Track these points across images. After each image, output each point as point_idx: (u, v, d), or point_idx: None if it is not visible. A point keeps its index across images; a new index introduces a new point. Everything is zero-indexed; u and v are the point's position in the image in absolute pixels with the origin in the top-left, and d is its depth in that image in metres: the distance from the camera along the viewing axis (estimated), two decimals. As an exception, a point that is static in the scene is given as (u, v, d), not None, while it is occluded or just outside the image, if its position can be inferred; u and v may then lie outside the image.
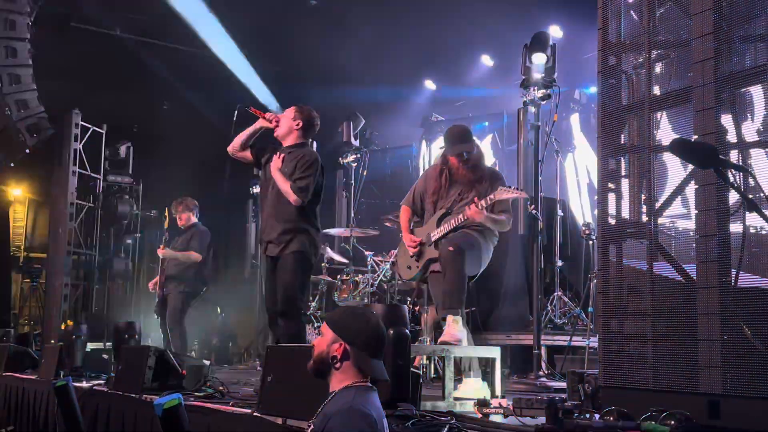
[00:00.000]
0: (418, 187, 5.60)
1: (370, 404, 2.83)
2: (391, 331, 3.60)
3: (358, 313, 3.23)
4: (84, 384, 6.37)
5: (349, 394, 2.86)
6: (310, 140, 5.78)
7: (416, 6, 10.23)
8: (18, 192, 14.78)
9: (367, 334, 2.98)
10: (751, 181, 2.53)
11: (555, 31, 9.00)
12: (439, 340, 4.94)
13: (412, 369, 3.88)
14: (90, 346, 7.82)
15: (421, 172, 11.87)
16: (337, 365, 2.93)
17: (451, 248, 5.02)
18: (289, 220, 5.29)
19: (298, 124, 5.51)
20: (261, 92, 12.40)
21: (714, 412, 2.43)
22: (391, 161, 12.08)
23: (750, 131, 2.81)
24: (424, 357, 6.02)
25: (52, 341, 9.19)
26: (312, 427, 2.88)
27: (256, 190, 10.75)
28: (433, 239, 5.25)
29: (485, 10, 9.42)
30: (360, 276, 8.05)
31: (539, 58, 6.55)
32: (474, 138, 5.48)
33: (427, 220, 5.43)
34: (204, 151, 12.00)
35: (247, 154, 5.66)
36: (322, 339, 3.01)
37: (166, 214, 8.73)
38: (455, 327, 4.91)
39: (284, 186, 5.23)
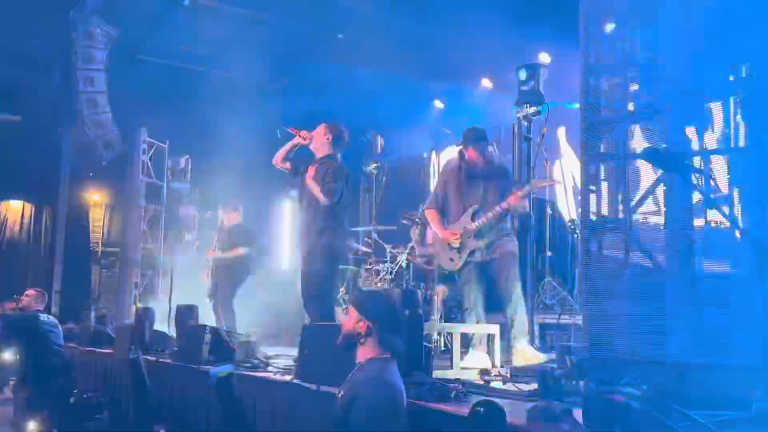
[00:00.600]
0: (439, 191, 5.46)
1: (392, 373, 2.84)
2: (407, 311, 3.60)
3: (378, 296, 3.24)
4: (151, 357, 6.43)
5: (374, 365, 2.87)
6: (339, 152, 5.72)
7: (427, 38, 10.24)
8: (96, 197, 14.96)
9: (386, 314, 2.99)
10: (712, 183, 2.51)
11: (544, 57, 8.95)
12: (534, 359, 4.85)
13: (424, 343, 3.89)
14: (156, 326, 7.88)
15: (432, 178, 11.91)
16: (362, 340, 2.94)
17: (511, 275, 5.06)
18: (320, 221, 5.30)
19: (328, 138, 5.52)
20: (295, 111, 12.45)
21: (681, 378, 2.41)
22: (406, 169, 12.07)
23: (711, 140, 2.78)
24: (435, 333, 6.02)
25: (125, 322, 9.28)
26: (342, 392, 2.88)
27: (294, 193, 10.81)
28: (472, 232, 5.08)
29: (485, 40, 9.38)
30: (381, 265, 8.05)
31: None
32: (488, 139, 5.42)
33: (456, 217, 5.23)
34: (249, 161, 12.05)
35: (287, 165, 5.69)
36: (349, 319, 3.02)
37: (219, 214, 8.82)
38: None
39: (315, 190, 5.25)
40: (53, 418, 6.78)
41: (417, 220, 7.89)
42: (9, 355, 7.15)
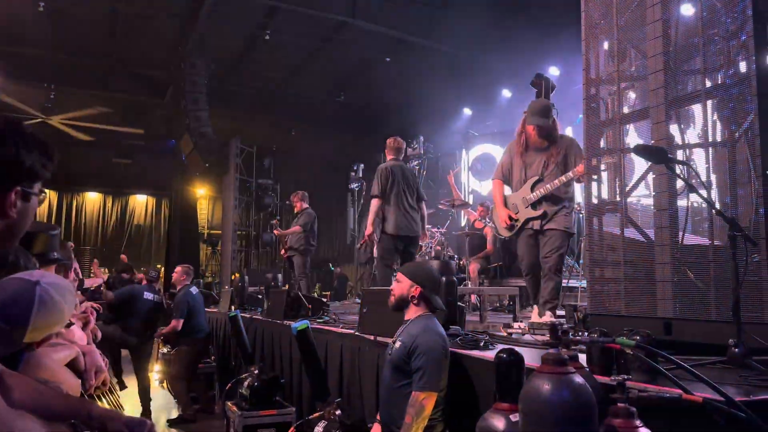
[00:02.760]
0: (505, 162, 4.59)
1: (438, 326, 2.87)
2: (444, 279, 3.60)
3: (424, 265, 3.25)
4: (247, 314, 6.58)
5: (425, 320, 2.90)
6: (393, 155, 5.81)
7: (459, 59, 10.16)
8: (202, 191, 15.36)
9: (431, 279, 3.02)
10: (692, 172, 2.45)
11: (554, 71, 8.77)
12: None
13: (458, 303, 3.89)
14: (250, 289, 8.05)
15: (463, 174, 11.82)
16: (415, 302, 2.97)
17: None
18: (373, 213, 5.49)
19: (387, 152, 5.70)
20: (351, 121, 12.49)
21: (667, 330, 2.38)
22: (441, 164, 12.03)
23: (692, 136, 2.71)
24: (467, 295, 6.01)
25: (226, 287, 9.54)
26: (400, 342, 2.89)
27: (353, 185, 10.88)
28: (530, 201, 4.31)
29: (504, 59, 9.28)
30: (423, 241, 8.06)
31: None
32: (552, 115, 4.40)
33: (518, 187, 4.45)
34: (318, 160, 12.20)
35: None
36: (401, 285, 3.02)
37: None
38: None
39: None
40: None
41: (451, 203, 7.88)
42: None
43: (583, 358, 2.12)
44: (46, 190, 1.14)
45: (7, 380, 0.93)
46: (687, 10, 2.67)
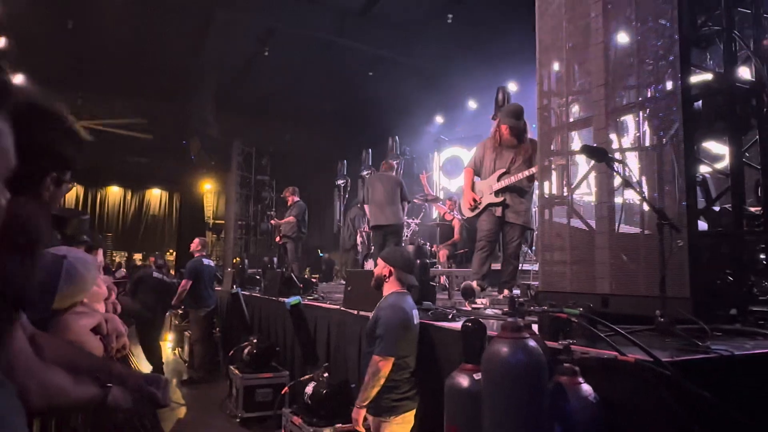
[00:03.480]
0: (477, 154, 4.53)
1: (405, 302, 2.89)
2: (418, 261, 3.62)
3: (395, 249, 3.29)
4: (246, 292, 6.55)
5: (394, 296, 2.93)
6: (384, 169, 6.34)
7: (431, 75, 10.16)
8: (209, 186, 15.20)
9: (401, 259, 3.05)
10: (627, 171, 2.49)
11: (512, 86, 8.83)
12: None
13: (430, 282, 3.92)
14: (249, 271, 8.00)
15: (435, 173, 11.83)
16: (387, 280, 2.99)
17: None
18: None
19: None
20: (343, 125, 12.42)
21: (605, 304, 2.43)
22: (416, 164, 12.04)
23: (626, 142, 2.75)
24: (438, 276, 6.05)
25: (229, 269, 9.47)
26: (372, 314, 2.94)
27: (339, 182, 10.84)
28: (494, 189, 4.29)
29: (471, 75, 9.31)
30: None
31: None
32: (523, 117, 4.39)
33: (486, 176, 4.39)
34: (309, 159, 12.10)
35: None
36: (378, 267, 3.07)
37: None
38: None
39: None
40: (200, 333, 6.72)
41: (423, 198, 7.90)
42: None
43: (535, 326, 2.16)
44: (75, 184, 1.13)
45: (38, 340, 0.92)
46: (624, 35, 2.71)
